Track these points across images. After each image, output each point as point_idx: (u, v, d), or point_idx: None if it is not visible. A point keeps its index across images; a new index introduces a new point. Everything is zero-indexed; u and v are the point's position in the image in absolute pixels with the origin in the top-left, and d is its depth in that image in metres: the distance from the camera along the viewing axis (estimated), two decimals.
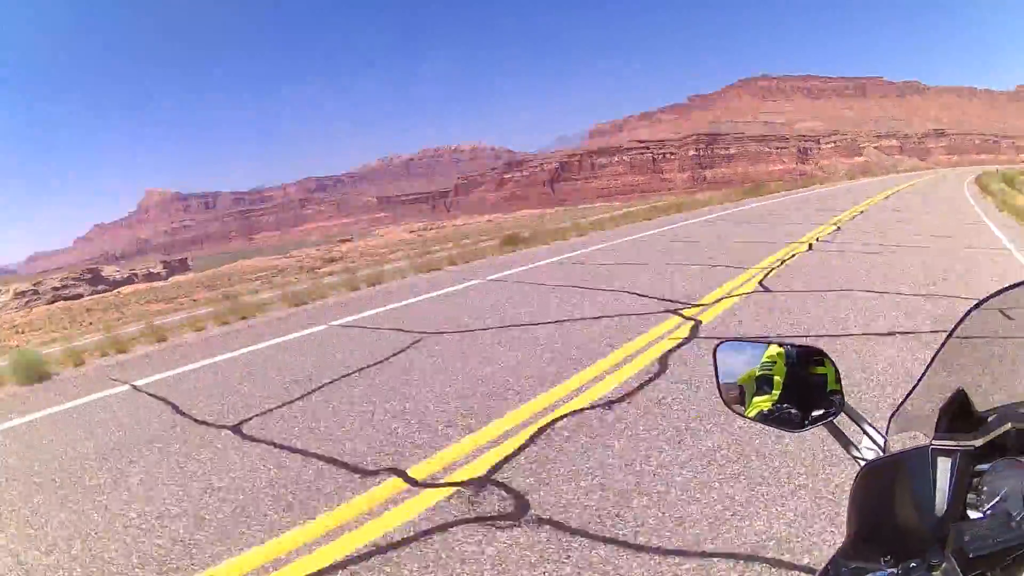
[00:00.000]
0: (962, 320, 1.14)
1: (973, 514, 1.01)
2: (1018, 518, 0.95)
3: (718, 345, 1.41)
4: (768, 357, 1.29)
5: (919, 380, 1.19)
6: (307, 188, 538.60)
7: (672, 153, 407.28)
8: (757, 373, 1.31)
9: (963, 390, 1.12)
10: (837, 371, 1.28)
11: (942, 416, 1.13)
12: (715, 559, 3.17)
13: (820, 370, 1.28)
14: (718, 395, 1.41)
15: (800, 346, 1.31)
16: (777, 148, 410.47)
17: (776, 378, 1.28)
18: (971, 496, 1.03)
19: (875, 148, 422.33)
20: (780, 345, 1.31)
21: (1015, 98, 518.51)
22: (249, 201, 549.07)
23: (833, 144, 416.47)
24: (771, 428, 1.36)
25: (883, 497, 1.10)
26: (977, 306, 1.13)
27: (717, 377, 1.40)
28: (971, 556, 0.86)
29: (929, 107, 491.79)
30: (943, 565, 0.89)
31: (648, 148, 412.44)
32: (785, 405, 1.28)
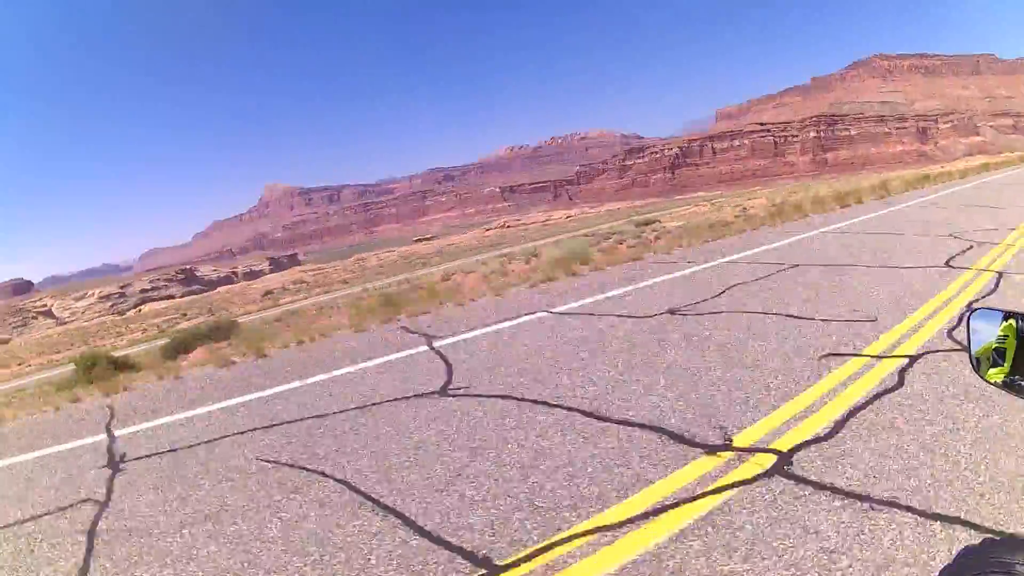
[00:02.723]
0: None
1: None
2: None
3: (971, 313, 1.43)
4: (1003, 331, 1.29)
5: None
6: (433, 180, 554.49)
7: (794, 136, 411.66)
8: (994, 345, 1.32)
9: None
10: None
11: None
12: None
13: None
14: (969, 359, 1.44)
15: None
16: (896, 128, 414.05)
17: (1008, 351, 1.28)
18: None
19: (991, 127, 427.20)
20: (1015, 317, 1.31)
21: None
22: (374, 194, 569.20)
23: (951, 124, 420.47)
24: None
25: None
26: None
27: (969, 344, 1.42)
28: None
29: None
30: None
31: (769, 131, 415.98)
32: (1017, 377, 1.27)
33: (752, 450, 3.99)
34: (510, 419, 5.07)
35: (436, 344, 8.08)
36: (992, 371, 1.30)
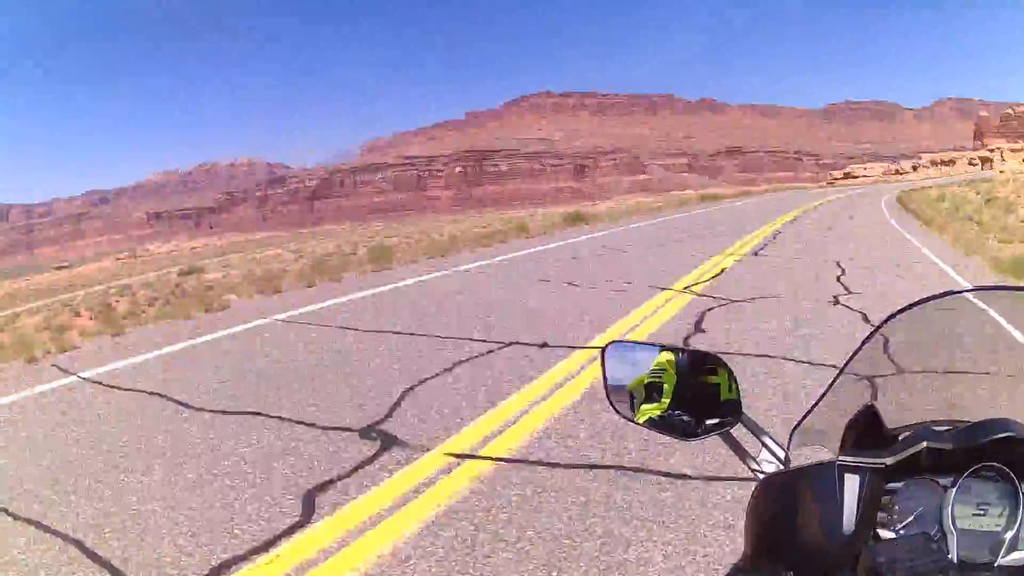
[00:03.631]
0: (870, 336, 1.12)
1: (885, 534, 0.98)
2: (936, 539, 0.93)
3: (607, 346, 1.36)
4: (657, 364, 1.25)
5: (823, 395, 1.18)
6: (91, 201, 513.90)
7: (439, 170, 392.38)
8: (646, 380, 1.26)
9: (873, 406, 1.10)
10: (733, 379, 1.23)
11: (849, 432, 1.11)
12: None
13: (713, 379, 1.24)
14: (606, 397, 1.34)
15: (693, 352, 1.26)
16: (552, 166, 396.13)
17: (666, 386, 1.24)
18: (882, 515, 1.00)
19: (660, 166, 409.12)
20: (671, 350, 1.27)
21: (824, 116, 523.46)
22: (37, 215, 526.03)
23: (614, 161, 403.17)
24: (671, 436, 1.27)
25: (785, 512, 1.06)
26: (886, 322, 1.11)
27: (605, 379, 1.33)
28: None
29: (726, 125, 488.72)
30: None
31: (414, 165, 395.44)
32: (677, 412, 1.23)
33: None
34: None
35: None
36: (646, 407, 1.25)
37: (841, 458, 1.02)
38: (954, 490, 0.98)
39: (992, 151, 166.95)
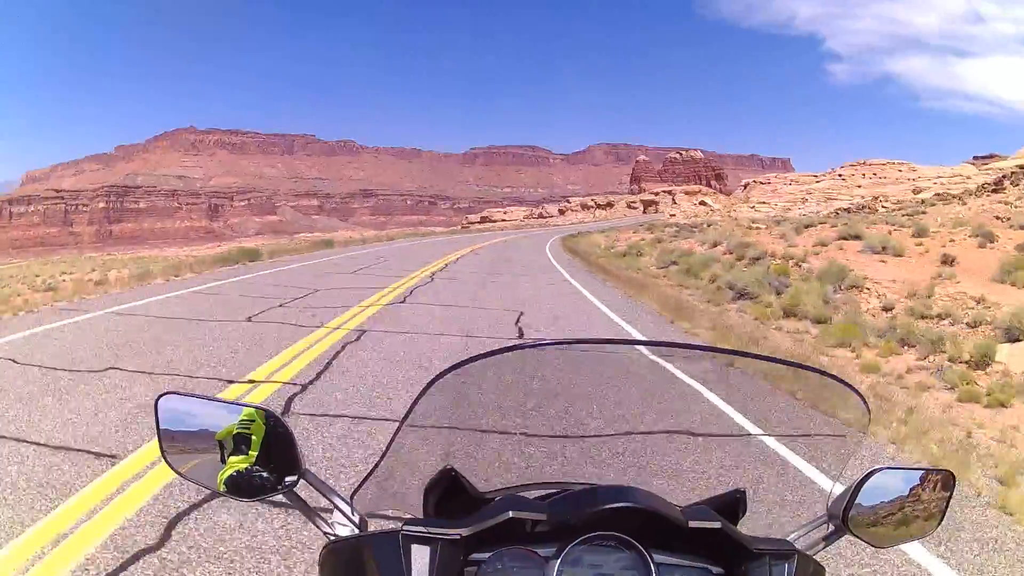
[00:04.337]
0: (429, 386, 1.04)
1: None
2: None
3: (162, 395, 1.29)
4: (247, 416, 1.22)
5: (383, 455, 1.11)
6: None
7: (84, 205, 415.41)
8: (236, 430, 1.23)
9: (452, 469, 1.06)
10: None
11: (429, 496, 1.07)
12: None
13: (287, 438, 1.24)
14: (160, 451, 1.26)
15: (267, 411, 1.23)
16: (188, 204, 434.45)
17: (254, 438, 1.21)
18: None
19: (292, 207, 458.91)
20: (254, 408, 1.25)
21: (466, 161, 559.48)
22: None
23: (247, 201, 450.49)
24: (238, 499, 1.23)
25: None
26: (452, 370, 1.04)
27: (159, 429, 1.26)
28: None
29: (363, 167, 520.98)
30: None
31: (63, 198, 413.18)
32: (257, 468, 1.21)
33: None
34: None
35: None
36: (235, 459, 1.19)
37: (406, 528, 0.96)
38: (557, 562, 0.93)
39: (657, 194, 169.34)
